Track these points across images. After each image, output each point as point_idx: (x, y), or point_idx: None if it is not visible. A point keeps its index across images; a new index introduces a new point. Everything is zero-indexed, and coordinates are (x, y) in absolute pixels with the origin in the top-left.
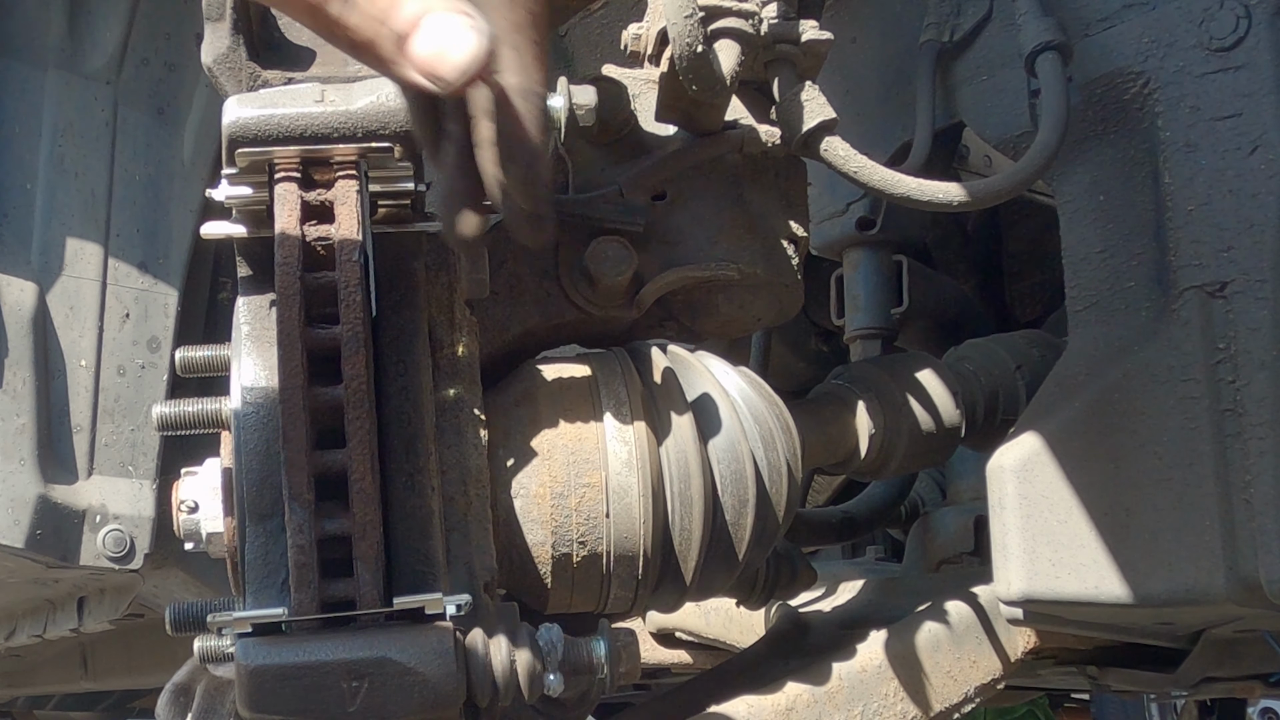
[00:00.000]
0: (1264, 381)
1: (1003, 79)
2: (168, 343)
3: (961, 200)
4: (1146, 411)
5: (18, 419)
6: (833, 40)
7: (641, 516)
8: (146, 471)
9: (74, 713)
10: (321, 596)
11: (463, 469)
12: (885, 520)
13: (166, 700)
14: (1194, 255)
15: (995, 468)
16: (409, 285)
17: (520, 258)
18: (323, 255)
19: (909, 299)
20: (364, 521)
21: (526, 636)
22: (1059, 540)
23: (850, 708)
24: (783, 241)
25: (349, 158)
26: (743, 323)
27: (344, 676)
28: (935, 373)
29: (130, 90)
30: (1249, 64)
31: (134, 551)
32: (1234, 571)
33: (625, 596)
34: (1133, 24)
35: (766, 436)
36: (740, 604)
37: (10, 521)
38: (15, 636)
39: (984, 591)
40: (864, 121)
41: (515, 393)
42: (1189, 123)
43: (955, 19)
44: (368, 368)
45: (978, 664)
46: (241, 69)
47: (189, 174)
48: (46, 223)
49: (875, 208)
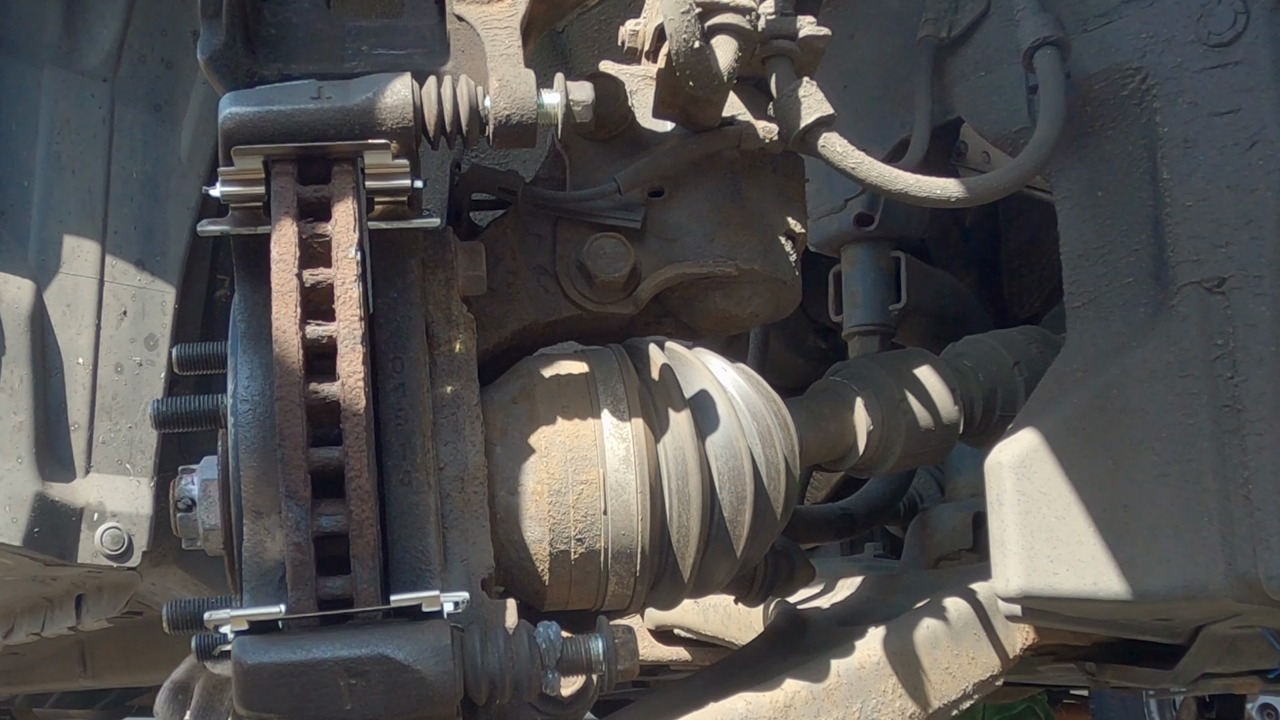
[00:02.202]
0: (1262, 377)
1: (1001, 75)
2: (165, 340)
3: (959, 196)
4: (1145, 408)
5: (15, 417)
6: (830, 36)
7: (639, 513)
8: (144, 469)
9: (72, 710)
10: (318, 594)
11: (460, 466)
12: (884, 517)
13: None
14: (1192, 251)
15: (993, 464)
16: (405, 282)
17: (517, 254)
18: (319, 252)
19: (907, 295)
20: (361, 519)
21: (524, 634)
22: (1057, 537)
23: (849, 704)
24: (780, 238)
25: (345, 154)
26: (740, 319)
27: (341, 674)
28: (933, 369)
29: (127, 87)
30: (1247, 59)
31: (132, 549)
32: (1232, 567)
33: (623, 593)
34: (1131, 19)
35: (764, 433)
36: (738, 600)
37: (8, 519)
38: (13, 634)
39: (982, 588)
40: (862, 117)
41: (512, 389)
42: (1187, 118)
43: (953, 15)
44: (364, 364)
45: (976, 660)
46: (238, 65)
47: (186, 171)
48: (44, 220)
49: (873, 204)
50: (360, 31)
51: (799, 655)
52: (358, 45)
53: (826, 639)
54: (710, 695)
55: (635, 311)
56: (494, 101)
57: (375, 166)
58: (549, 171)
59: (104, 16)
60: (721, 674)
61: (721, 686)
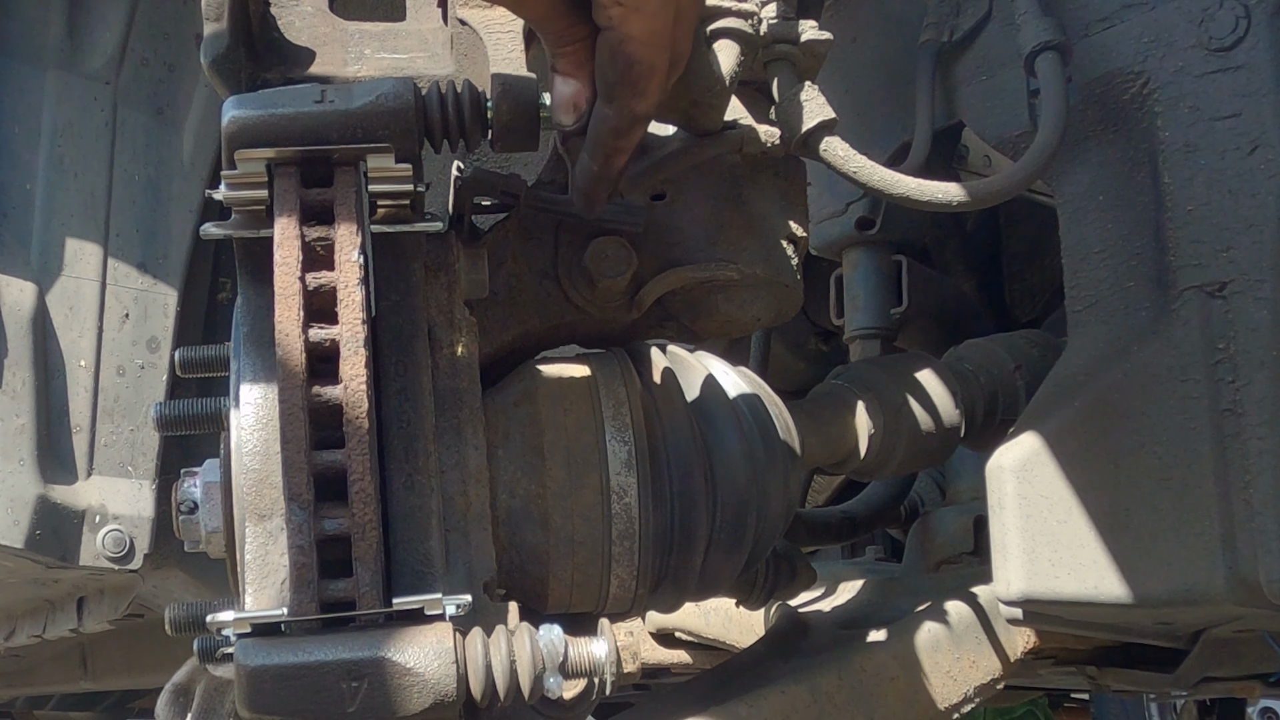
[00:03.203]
0: (1263, 381)
1: (1002, 79)
2: (167, 343)
3: (961, 200)
4: (1146, 411)
5: (17, 419)
6: (832, 40)
7: (641, 516)
8: (146, 472)
9: (73, 713)
10: (321, 597)
11: (462, 469)
12: (885, 520)
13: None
14: (1193, 255)
15: (995, 468)
16: (408, 285)
17: (520, 258)
18: (322, 255)
19: (908, 299)
20: (363, 522)
21: (527, 637)
22: (1058, 540)
23: (850, 708)
24: (782, 241)
25: (348, 158)
26: (742, 323)
27: (343, 677)
28: (935, 373)
29: (130, 90)
30: (1248, 64)
31: (133, 552)
32: (1233, 571)
33: (625, 596)
34: (1132, 24)
35: (766, 436)
36: (740, 604)
37: (10, 522)
38: (15, 637)
39: (983, 591)
40: (864, 121)
41: (515, 393)
42: (1188, 123)
43: (955, 19)
44: (367, 368)
45: (977, 664)
46: (241, 69)
47: (188, 174)
48: (46, 223)
49: (875, 208)
50: (363, 35)
51: (800, 658)
52: (360, 49)
53: (827, 642)
54: (711, 699)
55: (637, 315)
56: (496, 105)
57: (378, 170)
58: (551, 175)
59: (106, 20)
60: (722, 677)
61: (722, 690)
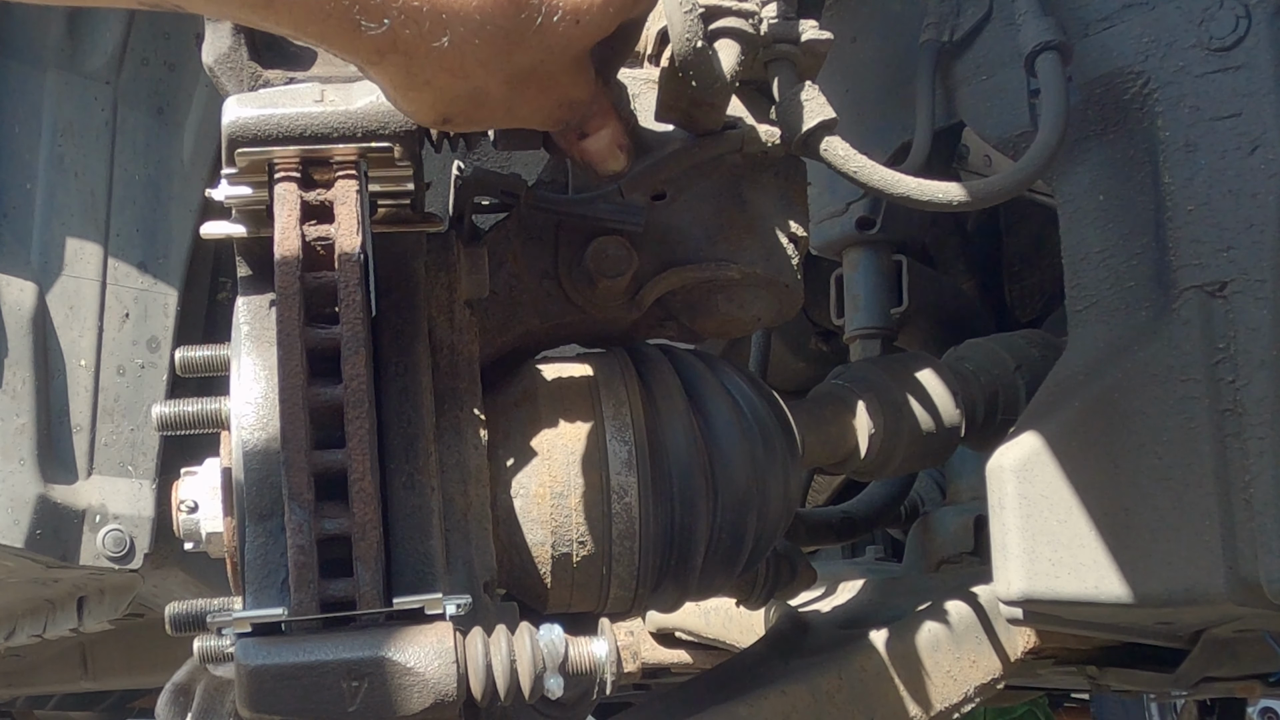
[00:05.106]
0: (1264, 381)
1: (1002, 79)
2: (167, 342)
3: (961, 200)
4: (1146, 411)
5: (17, 419)
6: (833, 40)
7: (641, 516)
8: (146, 471)
9: (74, 713)
10: (321, 596)
11: (463, 469)
12: (885, 520)
13: (166, 700)
14: (1194, 255)
15: (995, 467)
16: (409, 285)
17: (520, 258)
18: (322, 255)
19: (909, 299)
20: (364, 521)
21: (527, 637)
22: (1059, 540)
23: (850, 708)
24: (783, 241)
25: (349, 157)
26: (742, 323)
27: (344, 676)
28: (935, 373)
29: (130, 90)
30: (1249, 64)
31: (134, 551)
32: (1234, 571)
33: (625, 596)
34: (1132, 24)
35: (766, 436)
36: (740, 604)
37: (10, 521)
38: (15, 636)
39: (984, 591)
40: (864, 121)
41: (515, 393)
42: (1189, 122)
43: (955, 19)
44: (367, 367)
45: (977, 664)
46: (242, 69)
47: (189, 174)
48: (46, 222)
49: (875, 207)
50: None
51: (800, 658)
52: None
53: (828, 642)
54: (711, 698)
55: (638, 315)
56: None
57: (378, 170)
58: (551, 175)
59: (107, 19)
60: (723, 677)
61: (723, 690)
